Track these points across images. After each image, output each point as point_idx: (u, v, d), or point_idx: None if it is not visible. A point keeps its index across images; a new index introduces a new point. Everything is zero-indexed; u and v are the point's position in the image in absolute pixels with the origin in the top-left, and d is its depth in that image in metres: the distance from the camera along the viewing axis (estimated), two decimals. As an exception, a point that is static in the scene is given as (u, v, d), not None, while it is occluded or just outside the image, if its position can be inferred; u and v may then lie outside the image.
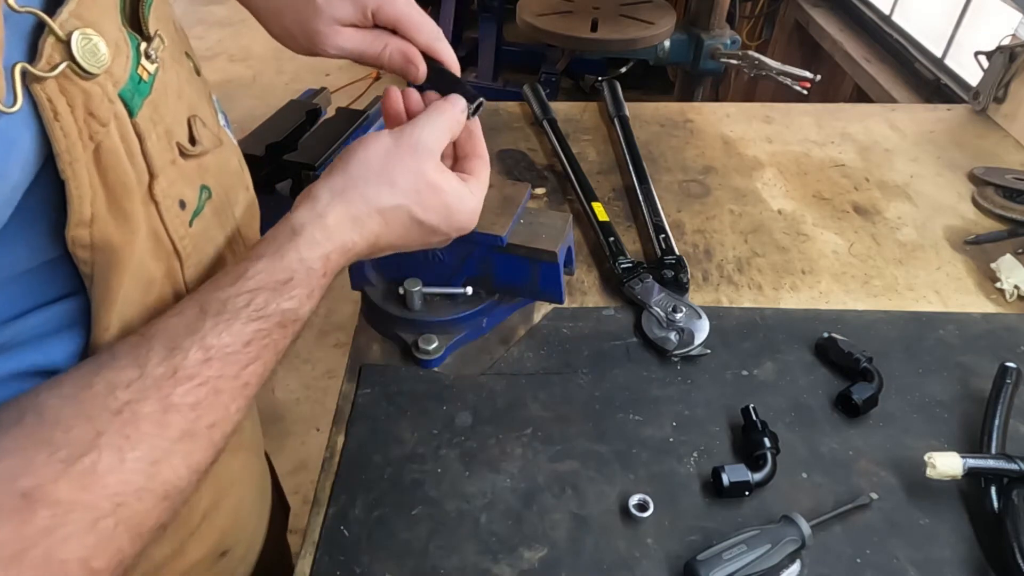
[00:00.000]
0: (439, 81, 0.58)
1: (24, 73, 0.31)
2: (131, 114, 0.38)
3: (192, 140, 0.45)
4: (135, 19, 0.40)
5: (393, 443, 0.65)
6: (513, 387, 0.71)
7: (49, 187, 0.35)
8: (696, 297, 0.82)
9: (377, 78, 3.55)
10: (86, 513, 0.33)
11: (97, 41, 0.34)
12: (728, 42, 1.97)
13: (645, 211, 0.91)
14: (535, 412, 0.68)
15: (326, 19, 0.56)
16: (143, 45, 0.39)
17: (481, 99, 0.55)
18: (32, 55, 0.32)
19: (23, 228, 0.35)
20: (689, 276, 0.81)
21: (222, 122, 0.54)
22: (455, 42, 3.09)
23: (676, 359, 0.73)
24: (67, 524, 0.32)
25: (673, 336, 0.74)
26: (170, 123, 0.42)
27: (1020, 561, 0.54)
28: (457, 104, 0.54)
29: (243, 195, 0.54)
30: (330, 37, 0.56)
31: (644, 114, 1.16)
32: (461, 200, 0.52)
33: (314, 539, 0.59)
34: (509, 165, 1.04)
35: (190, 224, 0.44)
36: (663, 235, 0.87)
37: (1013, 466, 0.58)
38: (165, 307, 0.43)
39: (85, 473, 0.33)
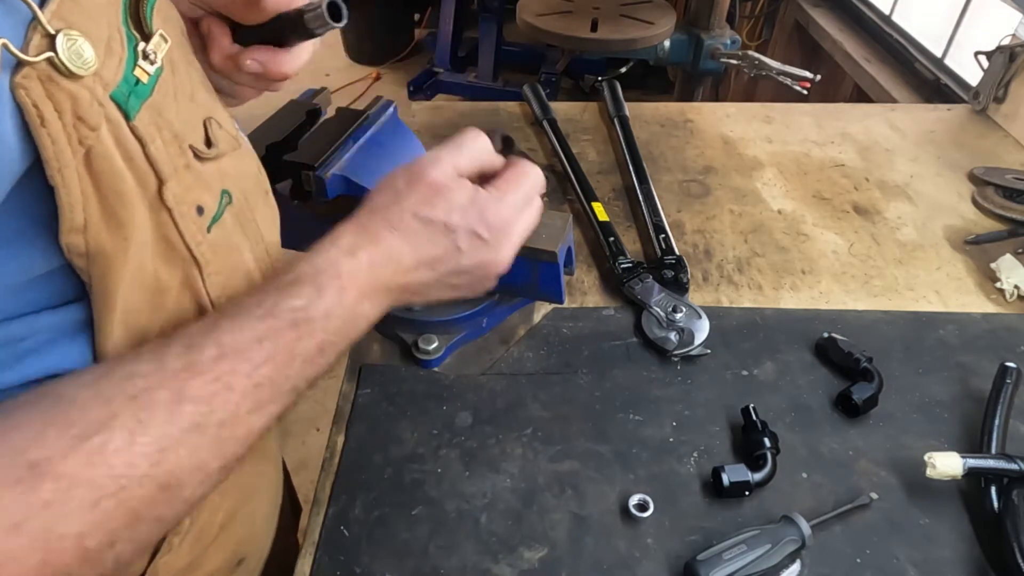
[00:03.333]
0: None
1: (6, 55, 0.30)
2: (128, 117, 0.36)
3: (208, 142, 0.44)
4: (136, 18, 0.39)
5: (393, 443, 0.65)
6: (513, 387, 0.71)
7: (44, 194, 0.34)
8: (696, 297, 0.82)
9: (377, 78, 3.55)
10: (90, 491, 0.33)
11: (81, 43, 0.33)
12: (728, 42, 1.97)
13: (645, 211, 0.91)
14: (535, 412, 0.68)
15: None
16: (141, 45, 0.38)
17: (509, 136, 0.54)
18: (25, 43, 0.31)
19: (23, 236, 0.35)
20: (689, 276, 0.81)
21: (237, 124, 0.53)
22: (455, 42, 3.09)
23: (676, 359, 0.73)
24: (70, 499, 0.32)
25: (673, 336, 0.74)
26: (180, 126, 0.41)
27: (1020, 561, 0.54)
28: (489, 139, 0.53)
29: (263, 201, 0.53)
30: None
31: (644, 114, 1.16)
32: (475, 195, 0.49)
33: (314, 539, 0.59)
34: (509, 165, 1.04)
35: (208, 230, 0.43)
36: (663, 235, 0.87)
37: (1013, 466, 0.58)
38: (186, 316, 0.43)
39: (94, 451, 0.33)
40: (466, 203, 0.49)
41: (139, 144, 0.37)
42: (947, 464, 0.57)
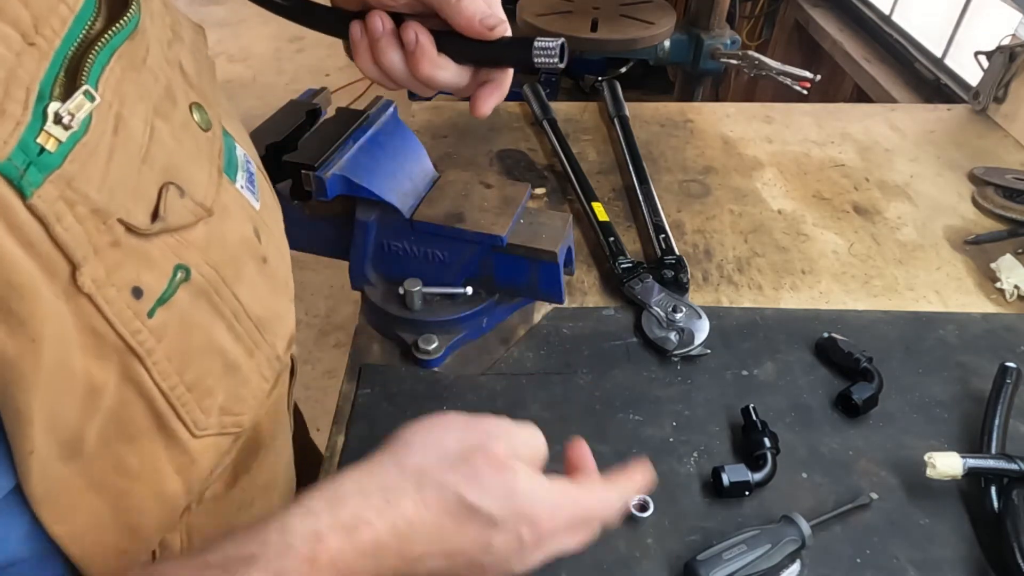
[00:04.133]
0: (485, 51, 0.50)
1: None
2: (23, 195, 0.29)
3: (155, 214, 0.36)
4: (75, 72, 0.33)
5: (393, 443, 0.65)
6: (513, 387, 0.71)
7: None
8: (696, 297, 0.82)
9: (377, 78, 3.55)
10: None
11: None
12: (728, 42, 1.97)
13: (645, 211, 0.91)
14: (535, 412, 0.68)
15: None
16: (53, 106, 0.31)
17: (562, 42, 0.48)
18: None
19: None
20: (689, 276, 0.81)
21: (240, 181, 0.46)
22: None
23: (676, 359, 0.73)
24: None
25: (673, 336, 0.74)
26: (105, 199, 0.33)
27: (1020, 561, 0.54)
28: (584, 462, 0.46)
29: (255, 270, 0.45)
30: None
31: (644, 114, 1.16)
32: (534, 485, 0.40)
33: (314, 539, 0.59)
34: (509, 165, 1.04)
35: (151, 314, 0.36)
36: (663, 235, 0.87)
37: (1013, 466, 0.58)
38: (130, 412, 0.37)
39: None
40: (521, 495, 0.39)
41: (41, 225, 0.31)
42: (947, 464, 0.57)
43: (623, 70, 2.23)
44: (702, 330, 0.74)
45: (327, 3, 0.56)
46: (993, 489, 0.60)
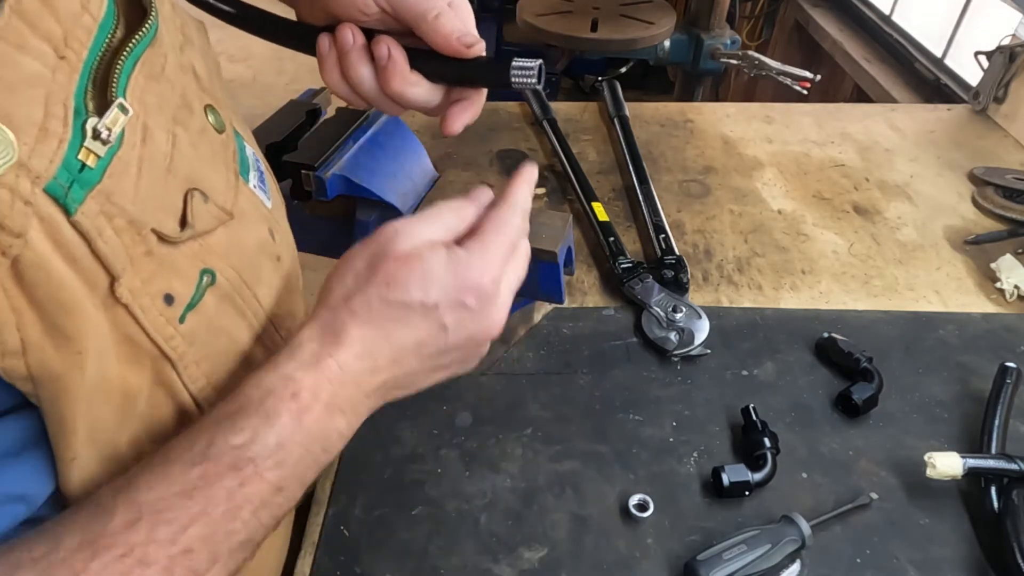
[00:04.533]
0: (466, 71, 0.49)
1: None
2: (68, 212, 0.30)
3: (184, 221, 0.37)
4: (104, 84, 0.33)
5: (393, 443, 0.65)
6: (513, 387, 0.71)
7: None
8: (696, 297, 0.82)
9: (377, 78, 3.55)
10: None
11: None
12: (728, 42, 1.97)
13: (645, 211, 0.91)
14: (535, 412, 0.68)
15: None
16: (91, 121, 0.31)
17: (539, 62, 0.47)
18: None
19: None
20: (689, 276, 0.81)
21: (253, 181, 0.46)
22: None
23: (676, 359, 0.73)
24: None
25: (673, 336, 0.74)
26: (139, 210, 0.34)
27: (1020, 561, 0.54)
28: (472, 201, 0.46)
29: (270, 269, 0.46)
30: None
31: (644, 114, 1.16)
32: (451, 259, 0.41)
33: (314, 539, 0.59)
34: (509, 165, 1.04)
35: (182, 320, 0.37)
36: (663, 235, 0.87)
37: (1013, 466, 0.58)
38: (162, 417, 0.38)
39: None
40: (442, 271, 0.40)
41: (84, 241, 0.31)
42: (947, 464, 0.57)
43: (623, 70, 2.23)
44: (702, 330, 0.74)
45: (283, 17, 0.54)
46: (993, 489, 0.60)
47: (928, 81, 1.62)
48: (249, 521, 0.35)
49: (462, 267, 0.41)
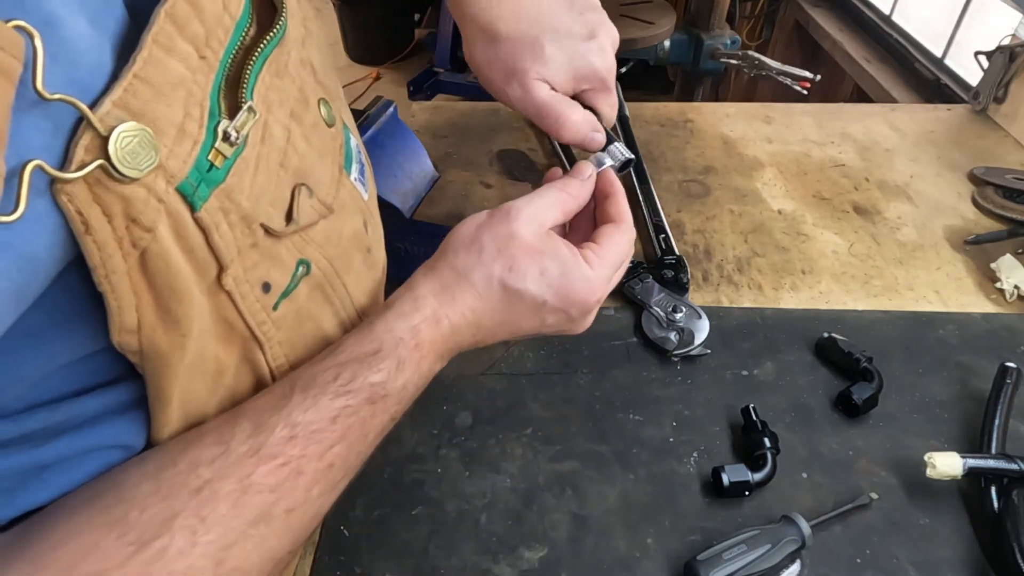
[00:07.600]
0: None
1: (40, 174, 0.25)
2: (193, 208, 0.32)
3: (289, 216, 0.39)
4: (236, 84, 0.34)
5: (393, 443, 0.65)
6: (513, 387, 0.71)
7: (88, 288, 0.30)
8: (696, 297, 0.82)
9: (377, 78, 3.55)
10: None
11: (141, 139, 0.28)
12: (728, 42, 1.97)
13: (645, 211, 0.91)
14: (535, 412, 0.68)
15: (538, 69, 0.55)
16: (223, 124, 0.33)
17: (631, 158, 0.55)
18: (67, 153, 0.27)
19: (64, 326, 0.31)
20: (689, 276, 0.81)
21: (354, 174, 0.48)
22: (455, 42, 3.09)
23: (676, 359, 0.73)
24: None
25: (673, 336, 0.74)
26: (252, 205, 0.36)
27: (1020, 561, 0.54)
28: (575, 176, 0.52)
29: (361, 260, 0.48)
30: (529, 84, 0.56)
31: (644, 114, 1.16)
32: (567, 267, 0.47)
33: (314, 539, 0.59)
34: (509, 165, 1.04)
35: (275, 308, 0.39)
36: (663, 235, 0.87)
37: (1013, 466, 0.58)
38: (243, 390, 0.40)
39: (154, 558, 0.31)
40: (558, 276, 0.46)
41: (202, 234, 0.33)
42: (947, 464, 0.57)
43: (623, 70, 2.23)
44: (702, 330, 0.74)
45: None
46: (993, 489, 0.60)
47: (928, 81, 1.62)
48: (371, 444, 0.42)
49: (576, 279, 0.47)
